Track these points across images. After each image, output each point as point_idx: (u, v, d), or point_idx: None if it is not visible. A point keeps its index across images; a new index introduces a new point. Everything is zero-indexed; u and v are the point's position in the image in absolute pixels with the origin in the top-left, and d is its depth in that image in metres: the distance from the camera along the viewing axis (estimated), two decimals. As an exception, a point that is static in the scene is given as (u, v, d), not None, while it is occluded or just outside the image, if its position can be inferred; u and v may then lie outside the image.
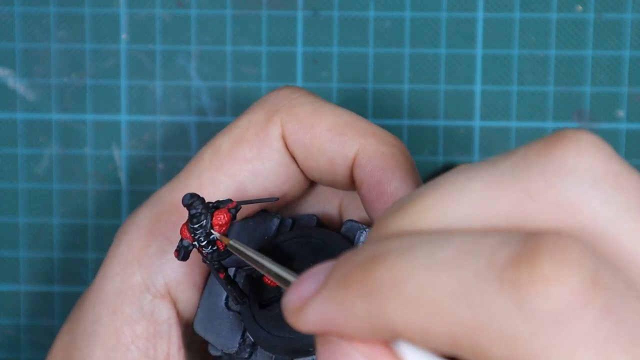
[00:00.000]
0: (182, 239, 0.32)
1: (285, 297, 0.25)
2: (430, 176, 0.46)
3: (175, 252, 0.32)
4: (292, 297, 0.25)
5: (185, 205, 0.32)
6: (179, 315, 0.36)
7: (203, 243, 0.32)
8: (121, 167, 0.47)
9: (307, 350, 0.33)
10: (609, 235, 0.23)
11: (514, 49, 0.46)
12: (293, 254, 0.34)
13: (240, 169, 0.35)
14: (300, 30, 0.46)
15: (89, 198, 0.47)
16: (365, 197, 0.34)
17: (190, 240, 0.32)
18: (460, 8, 0.46)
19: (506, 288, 0.21)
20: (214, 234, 0.32)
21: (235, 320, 0.35)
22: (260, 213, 0.37)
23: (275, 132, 0.35)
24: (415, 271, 0.23)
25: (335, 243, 0.34)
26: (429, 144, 0.46)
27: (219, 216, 0.32)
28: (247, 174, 0.35)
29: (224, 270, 0.33)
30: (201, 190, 0.35)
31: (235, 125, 0.36)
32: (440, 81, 0.46)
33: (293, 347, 0.33)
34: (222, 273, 0.33)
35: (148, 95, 0.47)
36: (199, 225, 0.32)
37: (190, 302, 0.36)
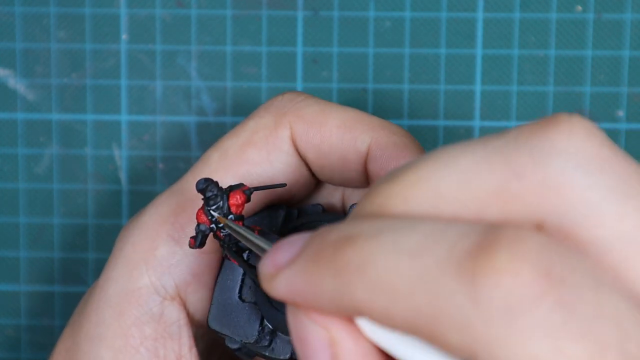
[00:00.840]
0: (199, 224, 0.33)
1: (260, 263, 0.26)
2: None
3: (191, 240, 0.33)
4: (267, 263, 0.26)
5: (200, 189, 0.33)
6: (189, 315, 0.36)
7: (221, 225, 0.33)
8: (121, 167, 0.47)
9: None
10: (593, 218, 0.24)
11: (514, 49, 0.46)
12: None
13: (248, 172, 0.36)
14: (300, 30, 0.46)
15: (89, 198, 0.47)
16: None
17: (208, 223, 0.33)
18: (460, 8, 0.46)
19: (462, 278, 0.22)
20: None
21: (251, 310, 0.35)
22: (264, 208, 0.37)
23: (284, 135, 0.36)
24: (380, 256, 0.23)
25: None
26: (429, 143, 0.46)
27: (235, 196, 0.33)
28: (256, 177, 0.36)
29: (240, 252, 0.34)
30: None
31: (242, 128, 0.36)
32: (440, 81, 0.46)
33: None
34: (238, 257, 0.34)
35: (148, 95, 0.47)
36: (216, 207, 0.32)
37: (200, 302, 0.36)
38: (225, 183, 0.36)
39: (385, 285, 0.23)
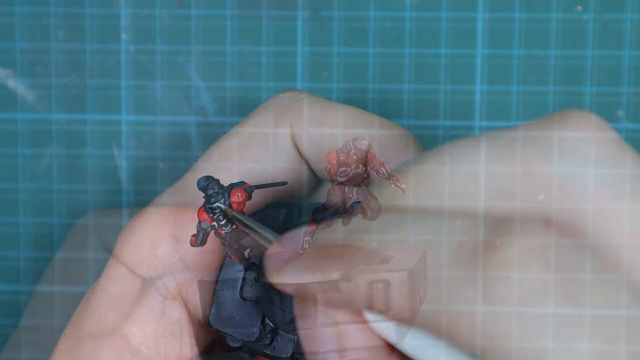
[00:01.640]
0: (200, 222, 0.33)
1: (266, 255, 0.26)
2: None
3: (192, 238, 0.33)
4: (273, 255, 0.26)
5: (201, 187, 0.33)
6: (191, 314, 0.36)
7: (222, 222, 0.33)
8: (121, 167, 0.47)
9: None
10: (602, 215, 0.24)
11: (514, 49, 0.46)
12: None
13: (249, 170, 0.36)
14: (300, 30, 0.46)
15: (90, 198, 0.47)
16: None
17: (209, 221, 0.33)
18: (460, 8, 0.46)
19: (471, 272, 0.23)
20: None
21: (253, 309, 0.35)
22: (266, 207, 0.37)
23: (285, 134, 0.36)
24: (389, 250, 0.24)
25: None
26: (429, 143, 0.47)
27: (236, 194, 0.33)
28: (257, 175, 0.36)
29: (242, 250, 0.34)
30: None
31: (243, 127, 0.36)
32: (440, 81, 0.46)
33: None
34: (239, 255, 0.34)
35: (148, 95, 0.47)
36: (218, 204, 0.33)
37: (201, 301, 0.36)
38: (226, 181, 0.36)
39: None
